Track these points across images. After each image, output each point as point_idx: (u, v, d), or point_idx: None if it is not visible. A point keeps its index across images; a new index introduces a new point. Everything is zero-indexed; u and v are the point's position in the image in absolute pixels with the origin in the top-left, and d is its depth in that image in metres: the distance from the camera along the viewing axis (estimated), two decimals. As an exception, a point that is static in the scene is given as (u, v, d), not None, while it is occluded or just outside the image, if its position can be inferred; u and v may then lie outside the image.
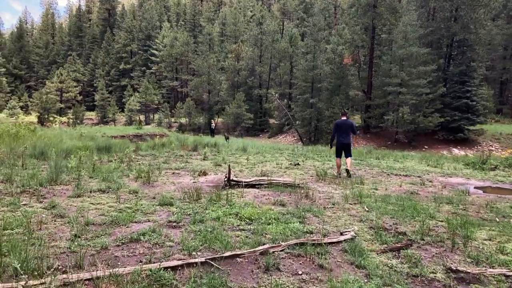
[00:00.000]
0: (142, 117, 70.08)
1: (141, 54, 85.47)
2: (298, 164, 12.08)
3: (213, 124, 30.77)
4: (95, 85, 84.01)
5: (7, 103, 55.14)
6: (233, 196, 6.74)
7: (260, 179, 8.06)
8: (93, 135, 18.86)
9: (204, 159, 12.65)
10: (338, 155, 10.47)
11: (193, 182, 8.18)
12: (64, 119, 55.78)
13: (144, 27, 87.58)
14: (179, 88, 73.82)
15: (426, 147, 39.26)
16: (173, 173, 9.53)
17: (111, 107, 72.23)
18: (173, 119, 62.87)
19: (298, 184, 7.89)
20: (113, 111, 71.90)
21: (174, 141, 17.23)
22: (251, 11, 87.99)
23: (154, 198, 6.56)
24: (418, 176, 10.57)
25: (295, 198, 6.78)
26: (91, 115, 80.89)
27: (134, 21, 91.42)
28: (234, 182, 7.68)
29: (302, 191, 7.17)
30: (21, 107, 68.20)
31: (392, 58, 40.55)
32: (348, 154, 10.33)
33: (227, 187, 7.55)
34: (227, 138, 29.30)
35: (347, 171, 9.92)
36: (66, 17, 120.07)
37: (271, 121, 55.12)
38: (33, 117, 54.92)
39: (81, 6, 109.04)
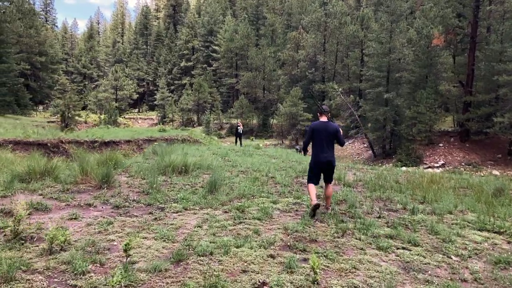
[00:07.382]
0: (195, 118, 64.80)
1: (202, 50, 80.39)
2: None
3: (240, 127, 22.46)
4: (157, 84, 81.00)
5: (51, 101, 52.79)
6: None
7: None
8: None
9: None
10: (313, 178, 5.65)
11: None
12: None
13: (206, 21, 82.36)
14: (237, 86, 66.83)
15: (559, 163, 26.99)
16: None
17: (169, 106, 67.91)
18: (224, 120, 55.71)
19: None
20: (172, 110, 67.46)
21: (92, 163, 9.03)
22: (319, -1, 77.91)
23: None
24: None
25: None
26: (152, 115, 78.30)
27: (196, 16, 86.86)
28: None
29: None
30: (83, 107, 66.64)
31: (506, 35, 28.84)
32: (330, 179, 5.79)
33: None
34: (299, 151, 18.80)
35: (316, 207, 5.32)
36: (137, 16, 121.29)
37: (337, 122, 45.14)
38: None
39: (148, 4, 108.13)
